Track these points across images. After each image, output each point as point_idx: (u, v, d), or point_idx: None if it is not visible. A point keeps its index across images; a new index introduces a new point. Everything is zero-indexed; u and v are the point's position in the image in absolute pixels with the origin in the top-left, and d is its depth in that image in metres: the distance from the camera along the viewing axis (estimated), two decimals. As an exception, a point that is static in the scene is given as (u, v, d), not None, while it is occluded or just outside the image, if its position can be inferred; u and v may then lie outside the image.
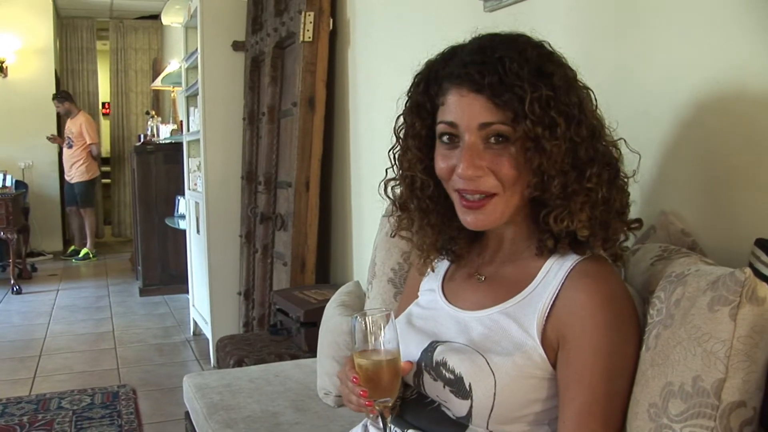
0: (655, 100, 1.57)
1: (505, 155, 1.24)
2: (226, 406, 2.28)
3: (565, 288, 1.25)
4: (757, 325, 1.02)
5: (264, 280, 4.02)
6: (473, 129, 1.24)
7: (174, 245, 6.62)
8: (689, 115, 1.48)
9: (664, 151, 1.54)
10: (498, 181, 1.25)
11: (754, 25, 1.33)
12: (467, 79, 1.24)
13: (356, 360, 1.28)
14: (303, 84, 3.43)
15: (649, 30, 1.59)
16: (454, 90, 1.27)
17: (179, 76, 5.66)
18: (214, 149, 4.44)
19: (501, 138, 1.24)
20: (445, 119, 1.29)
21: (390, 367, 1.26)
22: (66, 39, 10.62)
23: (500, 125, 1.22)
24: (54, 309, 6.33)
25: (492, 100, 1.22)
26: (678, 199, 1.52)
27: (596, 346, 1.19)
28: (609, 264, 1.28)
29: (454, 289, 1.45)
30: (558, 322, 1.23)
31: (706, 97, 1.43)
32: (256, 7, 4.29)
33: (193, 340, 5.21)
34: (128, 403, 3.94)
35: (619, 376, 1.20)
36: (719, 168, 1.42)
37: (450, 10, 2.45)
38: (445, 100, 1.29)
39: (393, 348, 1.26)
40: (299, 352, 3.01)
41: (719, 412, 1.03)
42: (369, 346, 1.26)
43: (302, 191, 3.48)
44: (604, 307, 1.20)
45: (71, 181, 8.79)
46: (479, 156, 1.24)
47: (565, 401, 1.21)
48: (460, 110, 1.26)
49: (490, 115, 1.23)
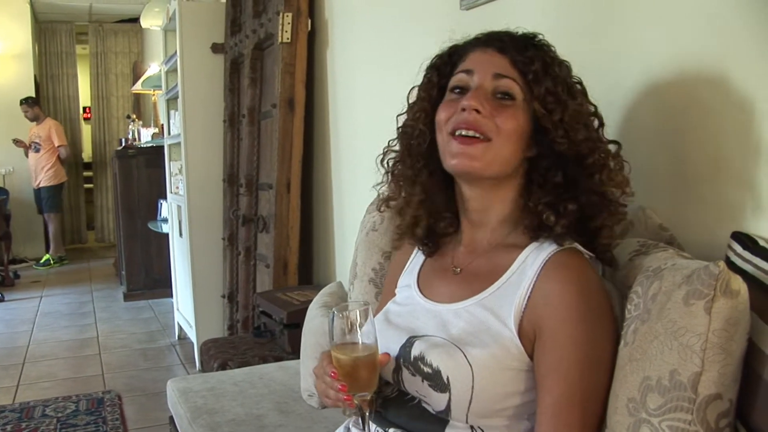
0: (630, 95, 1.57)
1: (508, 111, 1.29)
2: (210, 409, 2.28)
3: (540, 279, 1.25)
4: (732, 317, 1.03)
5: (247, 283, 4.01)
6: (487, 76, 1.30)
7: (157, 249, 6.59)
8: (665, 110, 1.49)
9: (640, 146, 1.55)
10: (496, 127, 1.28)
11: (729, 19, 1.33)
12: (495, 38, 1.34)
13: (334, 354, 1.27)
14: (282, 85, 3.42)
15: (623, 26, 1.60)
16: (479, 50, 1.35)
17: (159, 79, 5.64)
18: (195, 152, 4.42)
19: (507, 97, 1.29)
20: (463, 68, 1.35)
21: (368, 360, 1.25)
22: (45, 43, 10.54)
23: (513, 81, 1.29)
24: (37, 316, 6.28)
25: (509, 60, 1.30)
26: (656, 194, 1.53)
27: (572, 337, 1.20)
28: (584, 257, 1.29)
29: (429, 283, 1.46)
30: (534, 313, 1.24)
31: (683, 92, 1.44)
32: (234, 9, 4.27)
33: (178, 344, 5.19)
34: (113, 409, 3.91)
35: (594, 367, 1.21)
36: (696, 162, 1.43)
37: (427, 9, 2.45)
38: (467, 57, 1.36)
39: (371, 342, 1.25)
40: (283, 354, 3.00)
41: (696, 405, 1.04)
42: (347, 340, 1.26)
43: (283, 193, 3.48)
44: (579, 298, 1.21)
45: (38, 186, 8.75)
46: (486, 97, 1.29)
47: (542, 392, 1.21)
48: (480, 61, 1.33)
49: (506, 70, 1.30)
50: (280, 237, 3.50)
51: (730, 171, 1.35)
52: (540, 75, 1.28)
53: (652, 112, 1.52)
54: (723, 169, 1.36)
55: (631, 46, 1.58)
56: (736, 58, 1.32)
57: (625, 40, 1.59)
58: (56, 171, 8.73)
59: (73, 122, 10.59)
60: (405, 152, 1.44)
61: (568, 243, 1.29)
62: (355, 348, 1.25)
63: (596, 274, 1.28)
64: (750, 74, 1.29)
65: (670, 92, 1.47)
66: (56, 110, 10.41)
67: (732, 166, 1.34)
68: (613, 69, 1.62)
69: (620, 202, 1.32)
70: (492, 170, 1.30)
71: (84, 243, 10.79)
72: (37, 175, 8.71)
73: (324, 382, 1.34)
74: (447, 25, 1.42)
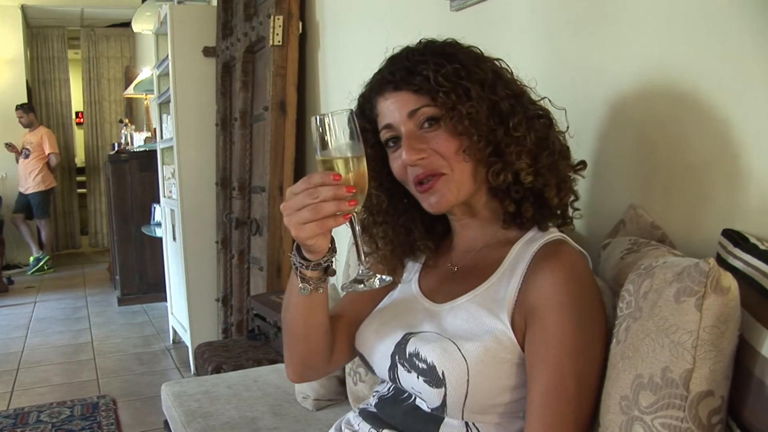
0: (620, 95, 1.57)
1: (440, 133, 1.31)
2: (205, 413, 2.27)
3: (530, 270, 1.28)
4: (723, 314, 1.03)
5: (241, 286, 4.01)
6: (405, 119, 1.33)
7: (151, 253, 6.58)
8: (656, 107, 1.49)
9: (632, 145, 1.55)
10: (444, 160, 1.31)
11: (712, 20, 1.34)
12: (383, 82, 1.37)
13: (323, 159, 1.17)
14: (274, 88, 3.42)
15: (611, 27, 1.60)
16: (380, 98, 1.37)
17: (151, 83, 5.63)
18: (187, 156, 4.42)
19: (432, 121, 1.32)
20: (382, 124, 1.38)
21: (360, 161, 1.18)
22: (37, 49, 10.52)
23: (425, 108, 1.31)
24: (31, 321, 6.27)
25: (410, 91, 1.32)
26: (647, 192, 1.53)
27: (561, 324, 1.20)
28: (573, 247, 1.31)
29: (429, 282, 1.47)
30: (525, 304, 1.25)
31: (673, 90, 1.44)
32: (225, 13, 4.27)
33: (173, 348, 5.19)
34: (108, 413, 3.91)
35: (584, 354, 1.20)
36: (687, 160, 1.43)
37: (418, 11, 2.45)
38: (378, 110, 1.39)
39: (354, 142, 1.17)
40: (277, 356, 3.00)
41: (688, 402, 1.04)
42: (330, 146, 1.17)
43: (276, 195, 3.48)
44: (568, 285, 1.22)
45: (26, 191, 8.77)
46: (417, 140, 1.32)
47: (532, 380, 1.21)
48: (389, 111, 1.35)
49: (414, 102, 1.32)
50: (273, 240, 3.50)
51: (721, 168, 1.35)
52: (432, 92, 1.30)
53: (644, 109, 1.52)
54: (714, 166, 1.37)
55: (622, 42, 1.58)
56: (723, 55, 1.32)
57: (616, 37, 1.60)
58: (44, 177, 8.75)
59: (66, 127, 10.57)
60: (368, 219, 1.48)
61: (556, 233, 1.33)
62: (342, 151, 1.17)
63: (585, 262, 1.30)
64: (738, 72, 1.29)
65: (661, 92, 1.47)
66: (49, 115, 10.39)
67: (723, 164, 1.34)
68: (603, 66, 1.63)
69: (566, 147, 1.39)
70: (466, 192, 1.35)
71: (78, 248, 10.76)
72: (26, 180, 8.72)
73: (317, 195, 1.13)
74: (437, 27, 1.42)
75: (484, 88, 1.31)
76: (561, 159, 1.36)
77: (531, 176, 1.31)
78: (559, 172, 1.35)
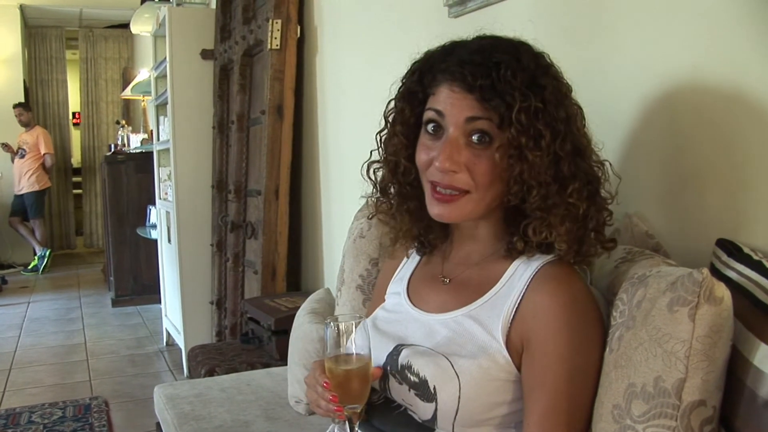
0: (617, 103, 1.58)
1: (484, 157, 1.25)
2: (197, 416, 2.27)
3: (529, 291, 1.25)
4: (715, 324, 1.03)
5: (235, 289, 4.00)
6: (459, 122, 1.25)
7: (146, 255, 6.56)
8: (651, 116, 1.50)
9: (627, 153, 1.56)
10: (472, 180, 1.25)
11: (716, 25, 1.34)
12: (460, 78, 1.25)
13: (327, 365, 1.27)
14: (271, 92, 3.43)
15: (611, 34, 1.61)
16: (447, 84, 1.27)
17: (149, 85, 5.63)
18: (184, 158, 4.41)
19: (484, 138, 1.24)
20: (434, 106, 1.30)
21: (361, 373, 1.26)
22: (35, 48, 10.50)
23: (486, 122, 1.23)
24: (25, 321, 6.25)
25: (482, 100, 1.23)
26: (642, 201, 1.53)
27: (559, 350, 1.20)
28: (573, 268, 1.29)
29: (418, 291, 1.46)
30: (522, 325, 1.24)
31: (668, 98, 1.45)
32: (224, 16, 4.27)
33: (167, 351, 5.18)
34: (100, 415, 3.90)
35: (581, 378, 1.21)
36: (682, 170, 1.43)
37: (416, 17, 2.45)
38: (437, 91, 1.30)
39: (364, 354, 1.26)
40: (271, 360, 3.00)
41: (680, 411, 1.04)
42: (341, 351, 1.27)
43: (272, 199, 3.48)
44: (567, 310, 1.21)
45: (20, 192, 8.76)
46: (458, 151, 1.25)
47: (529, 404, 1.21)
48: (449, 103, 1.27)
49: (478, 111, 1.24)
50: (268, 243, 3.49)
51: (715, 179, 1.36)
52: (505, 123, 1.22)
53: (639, 120, 1.53)
54: (709, 177, 1.37)
55: (620, 54, 1.58)
56: (722, 69, 1.33)
57: (614, 48, 1.60)
58: (38, 177, 8.74)
59: (63, 127, 10.56)
60: (392, 178, 1.42)
61: (556, 254, 1.29)
62: (348, 360, 1.26)
63: (584, 284, 1.28)
64: (736, 84, 1.30)
65: (658, 101, 1.48)
66: (45, 115, 10.38)
67: (718, 175, 1.35)
68: (601, 77, 1.63)
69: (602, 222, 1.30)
70: (474, 217, 1.31)
71: (73, 248, 10.74)
72: (20, 180, 8.72)
73: (315, 391, 1.34)
74: (435, 33, 1.42)
75: (555, 139, 1.22)
76: (592, 233, 1.28)
77: (565, 244, 1.24)
78: (583, 245, 1.27)
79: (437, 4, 2.22)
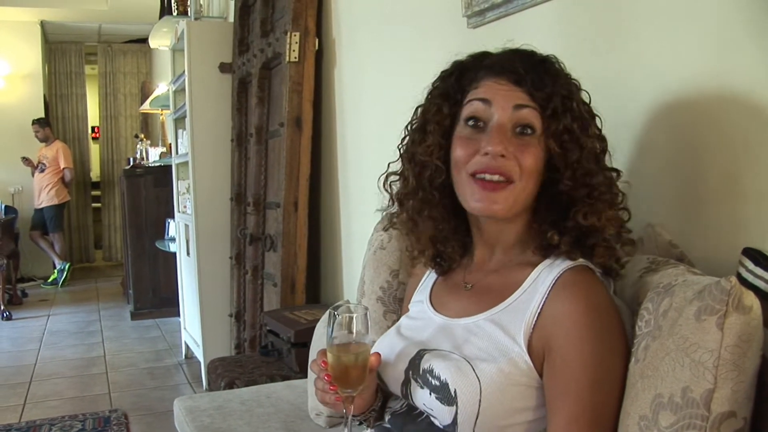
0: (639, 112, 1.57)
1: (529, 146, 1.28)
2: (217, 429, 2.26)
3: (550, 297, 1.25)
4: (744, 333, 1.02)
5: (255, 302, 4.00)
6: (507, 109, 1.28)
7: (165, 268, 6.59)
8: (675, 127, 1.48)
9: (650, 163, 1.54)
10: (519, 169, 1.27)
11: (737, 34, 1.33)
12: (509, 69, 1.29)
13: (328, 352, 1.32)
14: (290, 104, 3.43)
15: (630, 43, 1.60)
16: (492, 78, 1.31)
17: (167, 98, 5.66)
18: (202, 171, 4.43)
19: (528, 130, 1.28)
20: (478, 96, 1.31)
21: (359, 361, 1.30)
22: (54, 64, 10.61)
23: (532, 111, 1.27)
24: (45, 334, 6.28)
25: (530, 93, 1.27)
26: (665, 210, 1.52)
27: (581, 357, 1.18)
28: (594, 274, 1.28)
29: (441, 297, 1.46)
30: (544, 331, 1.23)
31: (693, 108, 1.44)
32: (242, 29, 4.29)
33: (185, 363, 5.18)
34: (120, 428, 3.90)
35: (605, 387, 1.19)
36: (706, 179, 1.42)
37: (434, 28, 2.45)
38: (480, 85, 1.32)
39: (364, 342, 1.30)
40: (290, 372, 2.99)
41: (709, 423, 1.02)
42: (341, 340, 1.30)
43: (291, 211, 3.48)
44: (589, 317, 1.20)
45: (40, 206, 8.81)
46: (507, 138, 1.27)
47: (553, 412, 1.20)
48: (495, 91, 1.29)
49: (527, 101, 1.28)
50: (287, 256, 3.49)
51: (740, 187, 1.34)
52: (559, 112, 1.27)
53: (662, 130, 1.51)
54: (733, 185, 1.36)
55: (641, 63, 1.57)
56: (747, 75, 1.32)
57: (635, 57, 1.59)
58: (58, 191, 8.79)
59: (82, 141, 10.65)
60: (416, 184, 1.40)
61: (581, 260, 1.28)
62: (347, 348, 1.30)
63: (606, 291, 1.27)
64: (761, 91, 1.28)
65: (680, 110, 1.47)
66: (65, 130, 10.47)
67: (742, 183, 1.34)
68: (622, 86, 1.62)
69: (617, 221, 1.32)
70: (513, 211, 1.31)
71: (92, 262, 10.80)
72: (40, 194, 8.78)
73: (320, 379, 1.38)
74: (454, 44, 1.42)
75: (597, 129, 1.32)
76: None
77: (613, 229, 1.29)
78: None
79: (456, 15, 2.22)
